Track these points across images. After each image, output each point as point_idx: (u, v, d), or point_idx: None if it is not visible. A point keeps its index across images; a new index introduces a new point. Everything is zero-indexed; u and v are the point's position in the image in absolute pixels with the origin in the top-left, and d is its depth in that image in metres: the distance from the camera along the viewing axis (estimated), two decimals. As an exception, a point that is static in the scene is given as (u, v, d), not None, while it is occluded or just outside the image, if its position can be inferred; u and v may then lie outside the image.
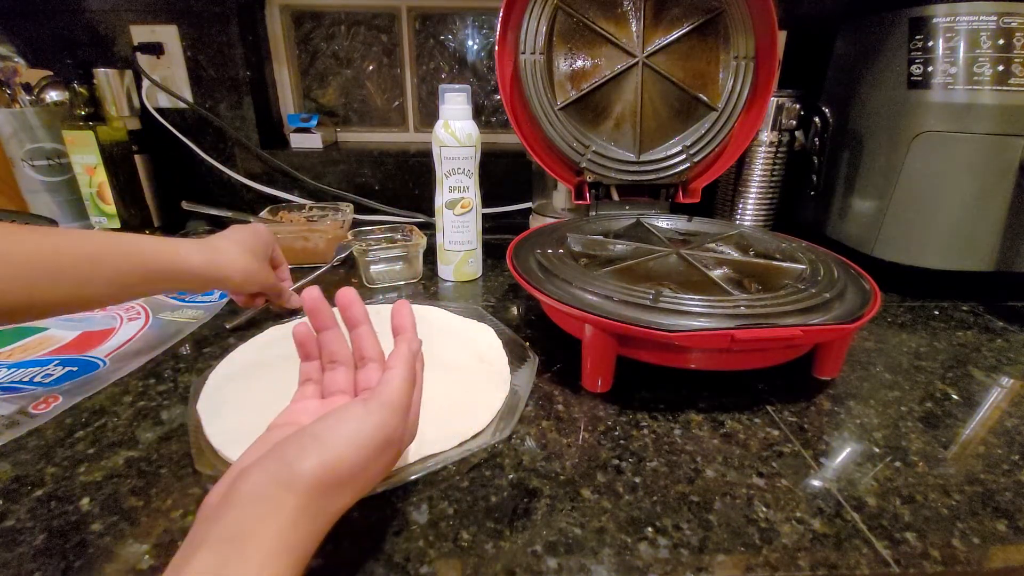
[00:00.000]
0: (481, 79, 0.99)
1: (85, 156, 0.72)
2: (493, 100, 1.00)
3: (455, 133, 0.60)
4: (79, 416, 0.39)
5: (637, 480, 0.34)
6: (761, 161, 0.74)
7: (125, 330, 0.52)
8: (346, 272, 0.69)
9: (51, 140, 0.76)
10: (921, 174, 0.60)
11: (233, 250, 0.47)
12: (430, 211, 0.89)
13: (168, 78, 0.86)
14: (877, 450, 0.38)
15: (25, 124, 0.74)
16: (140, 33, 0.83)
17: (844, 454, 0.37)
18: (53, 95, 0.79)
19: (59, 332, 0.51)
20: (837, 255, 0.54)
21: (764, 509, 0.32)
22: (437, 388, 0.42)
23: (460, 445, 0.36)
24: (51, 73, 0.80)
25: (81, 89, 0.71)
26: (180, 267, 0.42)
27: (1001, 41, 0.55)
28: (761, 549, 0.29)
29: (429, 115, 1.02)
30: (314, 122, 0.92)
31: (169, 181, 0.88)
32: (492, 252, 0.72)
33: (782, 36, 0.87)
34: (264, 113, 0.93)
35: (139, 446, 0.36)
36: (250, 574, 0.20)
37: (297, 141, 0.93)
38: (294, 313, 0.55)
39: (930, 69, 0.58)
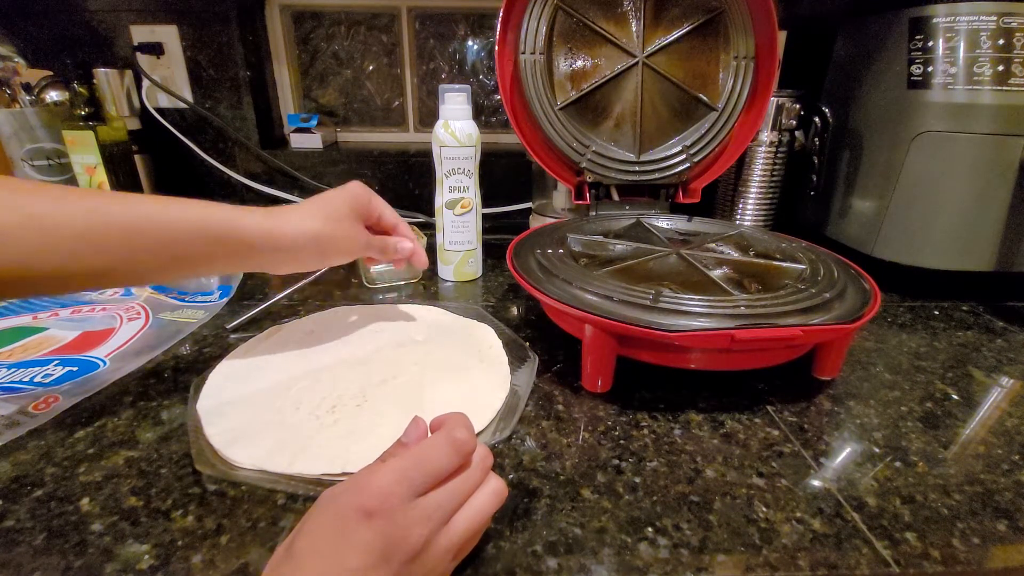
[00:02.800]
0: (481, 79, 0.99)
1: (85, 156, 0.72)
2: (493, 100, 1.00)
3: (455, 133, 0.60)
4: (79, 416, 0.39)
5: (637, 480, 0.34)
6: (761, 161, 0.74)
7: (125, 330, 0.52)
8: (346, 272, 0.69)
9: (51, 140, 0.76)
10: (921, 174, 0.60)
11: (302, 216, 0.41)
12: (430, 211, 0.89)
13: (168, 78, 0.86)
14: (877, 450, 0.38)
15: (25, 124, 0.74)
16: (140, 33, 0.83)
17: (844, 454, 0.37)
18: (53, 95, 0.79)
19: (59, 332, 0.51)
20: (837, 255, 0.54)
21: (764, 509, 0.32)
22: (437, 388, 0.42)
23: (460, 445, 0.36)
24: (51, 73, 0.80)
25: (81, 89, 0.71)
26: (238, 235, 0.38)
27: (1001, 41, 0.55)
28: (761, 549, 0.29)
29: (429, 115, 1.02)
30: (314, 122, 0.92)
31: (169, 181, 0.88)
32: (492, 252, 0.72)
33: (782, 36, 0.87)
34: (264, 113, 0.93)
35: (139, 446, 0.36)
36: None
37: (297, 141, 0.93)
38: (294, 314, 0.55)
39: (930, 69, 0.58)
